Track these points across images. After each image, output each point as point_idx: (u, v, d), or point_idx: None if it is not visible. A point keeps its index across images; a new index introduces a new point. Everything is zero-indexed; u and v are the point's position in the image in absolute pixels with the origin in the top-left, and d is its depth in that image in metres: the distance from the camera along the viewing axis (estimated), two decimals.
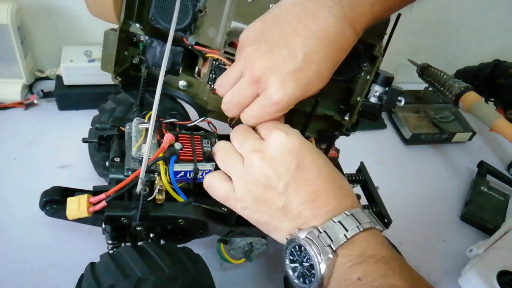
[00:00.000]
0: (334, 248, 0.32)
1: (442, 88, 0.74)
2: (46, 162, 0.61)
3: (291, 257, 0.34)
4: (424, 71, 0.78)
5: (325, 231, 0.32)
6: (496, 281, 0.53)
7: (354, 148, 0.73)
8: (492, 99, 0.79)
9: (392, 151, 0.77)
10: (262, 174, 0.35)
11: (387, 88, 0.44)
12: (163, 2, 0.43)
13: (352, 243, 0.32)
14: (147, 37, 0.45)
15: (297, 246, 0.34)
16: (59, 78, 0.68)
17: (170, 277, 0.34)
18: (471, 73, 0.81)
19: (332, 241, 0.32)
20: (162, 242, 0.44)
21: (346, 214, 0.33)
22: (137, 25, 0.45)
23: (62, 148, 0.62)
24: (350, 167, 0.57)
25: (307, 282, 0.33)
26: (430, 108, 0.83)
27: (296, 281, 0.34)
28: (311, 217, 0.34)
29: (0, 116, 0.67)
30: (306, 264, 0.33)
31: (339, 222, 0.33)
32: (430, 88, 0.80)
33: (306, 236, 0.33)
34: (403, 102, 0.45)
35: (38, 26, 0.71)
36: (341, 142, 0.54)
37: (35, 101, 0.69)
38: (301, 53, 0.35)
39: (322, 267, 0.31)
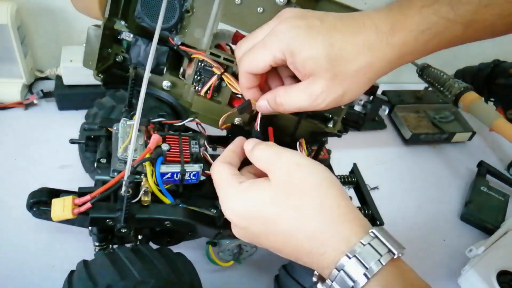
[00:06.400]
0: None
1: (442, 88, 0.74)
2: (46, 162, 0.61)
3: None
4: (424, 71, 0.78)
5: None
6: (496, 281, 0.53)
7: (353, 148, 0.73)
8: (492, 99, 0.79)
9: (392, 151, 0.77)
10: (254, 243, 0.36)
11: (371, 97, 0.45)
12: (149, 1, 0.42)
13: None
14: (131, 35, 0.45)
15: None
16: (59, 78, 0.68)
17: (140, 281, 0.34)
18: (471, 73, 0.81)
19: None
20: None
21: (337, 270, 0.29)
22: (122, 22, 0.45)
23: (62, 148, 0.62)
24: (349, 168, 0.57)
25: None
26: (430, 108, 0.83)
27: None
28: (314, 268, 0.32)
29: (0, 116, 0.67)
30: None
31: (335, 282, 0.29)
32: (430, 88, 0.80)
33: None
34: (387, 111, 0.45)
35: (38, 26, 0.71)
36: (340, 142, 0.54)
37: (35, 101, 0.69)
38: (364, 58, 0.34)
39: None
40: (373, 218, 0.48)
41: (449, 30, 0.33)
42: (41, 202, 0.38)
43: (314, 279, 0.32)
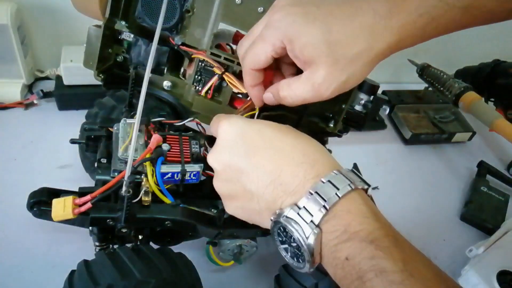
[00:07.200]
0: (316, 223, 0.30)
1: (442, 88, 0.74)
2: (46, 162, 0.61)
3: (280, 239, 0.33)
4: (424, 71, 0.78)
5: (304, 207, 0.31)
6: (496, 281, 0.53)
7: (353, 148, 0.73)
8: (492, 99, 0.79)
9: (392, 151, 0.77)
10: (222, 174, 0.35)
11: (372, 97, 0.44)
12: (150, 1, 0.42)
13: (334, 217, 0.30)
14: (132, 35, 0.45)
15: (281, 227, 0.32)
16: (59, 78, 0.68)
17: (140, 281, 0.34)
18: (471, 73, 0.81)
19: (312, 215, 0.30)
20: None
21: (322, 181, 0.31)
22: (123, 22, 0.45)
23: (62, 148, 0.62)
24: (349, 167, 0.57)
25: (301, 261, 0.32)
26: (430, 108, 0.83)
27: (290, 261, 0.33)
28: (286, 195, 0.32)
29: (0, 116, 0.67)
30: (294, 245, 0.32)
31: (316, 192, 0.31)
32: (430, 88, 0.80)
33: (286, 216, 0.31)
34: (387, 111, 0.45)
35: (38, 26, 0.71)
36: (340, 142, 0.54)
37: (35, 101, 0.69)
38: (363, 41, 0.33)
39: (308, 246, 0.30)
40: None
41: (447, 14, 0.33)
42: (41, 202, 0.38)
43: (277, 212, 0.32)
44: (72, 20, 0.70)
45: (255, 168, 0.33)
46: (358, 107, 0.45)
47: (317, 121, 0.47)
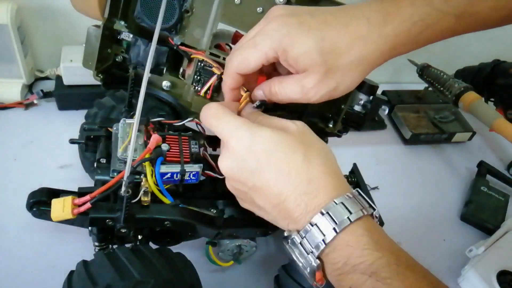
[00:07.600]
0: (316, 256, 0.31)
1: (442, 88, 0.74)
2: (46, 162, 0.61)
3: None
4: (424, 71, 0.78)
5: (305, 237, 0.31)
6: (496, 281, 0.53)
7: (353, 148, 0.73)
8: (492, 99, 0.79)
9: (392, 151, 0.77)
10: (232, 182, 0.36)
11: (371, 97, 0.45)
12: (149, 1, 0.42)
13: (334, 251, 0.31)
14: (131, 35, 0.45)
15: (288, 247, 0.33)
16: (59, 78, 0.68)
17: (139, 281, 0.34)
18: (471, 73, 0.81)
19: (313, 247, 0.31)
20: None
21: (322, 212, 0.31)
22: (122, 22, 0.45)
23: (62, 148, 0.62)
24: (349, 168, 0.57)
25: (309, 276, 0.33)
26: (430, 108, 0.83)
27: (303, 270, 0.33)
28: (290, 220, 0.32)
29: (0, 116, 0.67)
30: (300, 265, 0.33)
31: (316, 225, 0.31)
32: (430, 88, 0.80)
33: (289, 244, 0.32)
34: (387, 111, 0.45)
35: (38, 26, 0.71)
36: (340, 142, 0.54)
37: (35, 101, 0.69)
38: (357, 50, 0.34)
39: (310, 274, 0.31)
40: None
41: (441, 21, 0.33)
42: (41, 202, 0.38)
43: (286, 234, 0.33)
44: (72, 20, 0.70)
45: (262, 188, 0.33)
46: (357, 108, 0.45)
47: (316, 121, 0.47)
